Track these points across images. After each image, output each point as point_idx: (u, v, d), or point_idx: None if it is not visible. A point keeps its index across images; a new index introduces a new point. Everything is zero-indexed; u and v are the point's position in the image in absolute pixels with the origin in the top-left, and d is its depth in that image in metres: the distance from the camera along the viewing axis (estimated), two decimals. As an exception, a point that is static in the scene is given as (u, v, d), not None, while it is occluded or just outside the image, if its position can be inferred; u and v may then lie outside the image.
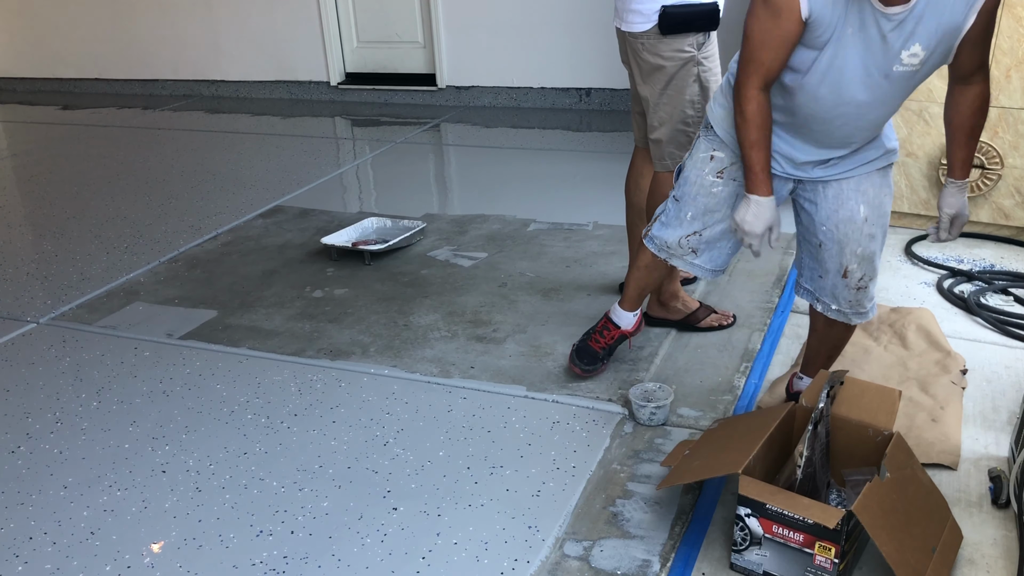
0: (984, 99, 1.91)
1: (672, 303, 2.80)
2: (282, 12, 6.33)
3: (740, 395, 2.47)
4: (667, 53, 2.48)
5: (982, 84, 1.89)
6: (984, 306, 2.86)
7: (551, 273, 3.31)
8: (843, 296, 2.14)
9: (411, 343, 2.83)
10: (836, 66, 1.81)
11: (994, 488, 2.00)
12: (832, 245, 2.09)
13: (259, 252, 3.67)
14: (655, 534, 1.94)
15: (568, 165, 4.70)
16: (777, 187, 2.07)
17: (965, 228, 3.42)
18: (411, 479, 2.16)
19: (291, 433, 2.38)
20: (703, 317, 2.80)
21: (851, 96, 1.85)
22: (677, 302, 2.80)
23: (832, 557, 1.68)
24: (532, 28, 5.72)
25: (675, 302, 2.80)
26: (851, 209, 2.04)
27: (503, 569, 1.86)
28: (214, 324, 3.03)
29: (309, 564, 1.90)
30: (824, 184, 2.07)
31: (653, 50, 2.49)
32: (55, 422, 2.48)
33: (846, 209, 2.04)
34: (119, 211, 4.28)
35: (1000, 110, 3.27)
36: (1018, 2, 3.14)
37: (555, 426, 2.35)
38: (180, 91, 6.98)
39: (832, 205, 2.06)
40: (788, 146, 2.04)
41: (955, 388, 2.40)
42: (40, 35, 7.23)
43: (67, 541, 2.00)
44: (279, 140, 5.52)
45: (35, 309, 3.22)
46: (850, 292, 2.12)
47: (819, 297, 2.20)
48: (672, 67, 2.50)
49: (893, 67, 1.80)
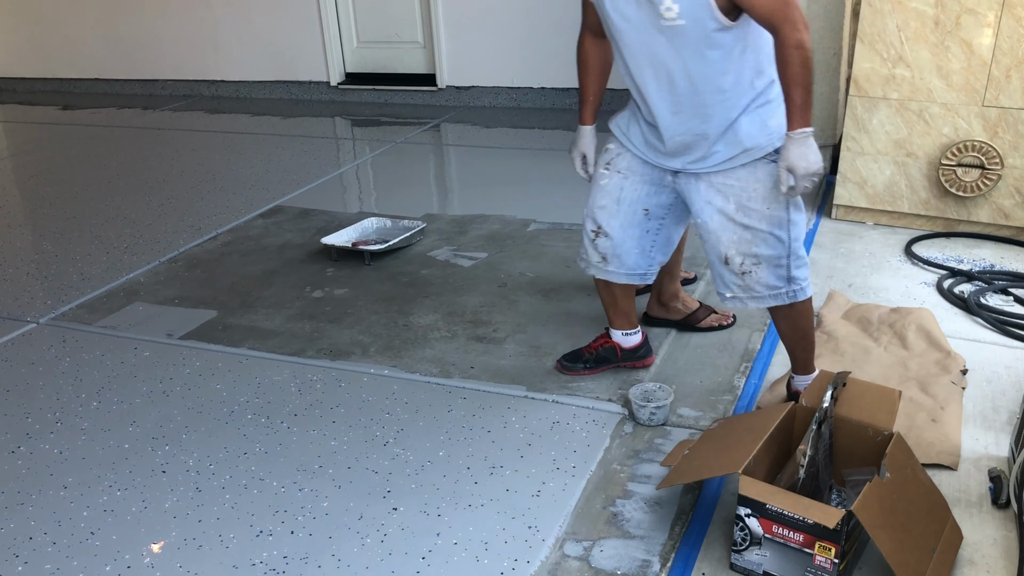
0: (781, 49, 1.93)
1: (672, 303, 2.80)
2: (282, 12, 6.33)
3: (740, 395, 2.47)
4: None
5: (778, 35, 1.93)
6: (984, 306, 2.86)
7: (551, 273, 3.31)
8: (731, 282, 2.23)
9: (411, 343, 2.83)
10: (615, 20, 2.03)
11: (994, 488, 2.00)
12: (708, 235, 2.21)
13: (259, 252, 3.67)
14: (655, 534, 1.94)
15: (568, 165, 4.68)
16: (655, 175, 2.26)
17: (965, 228, 3.45)
18: (411, 479, 2.16)
19: (291, 433, 2.38)
20: (703, 317, 2.80)
21: (639, 52, 2.04)
22: (677, 302, 2.80)
23: (832, 557, 1.68)
24: (532, 28, 5.72)
25: (675, 302, 2.80)
26: (719, 202, 2.15)
27: (503, 569, 1.86)
28: (214, 324, 3.03)
29: (309, 564, 1.90)
30: (696, 177, 2.18)
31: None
32: (55, 422, 2.48)
33: (715, 202, 2.16)
34: (119, 211, 4.28)
35: (1000, 110, 3.27)
36: (1018, 2, 3.14)
37: (555, 426, 2.35)
38: (180, 91, 6.98)
39: (703, 197, 2.18)
40: (651, 135, 2.20)
41: (955, 388, 2.40)
42: (40, 35, 7.22)
43: (67, 541, 2.00)
44: (279, 140, 5.52)
45: (35, 309, 3.22)
46: (736, 278, 2.20)
47: (716, 284, 2.29)
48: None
49: (660, 21, 1.96)
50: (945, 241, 3.44)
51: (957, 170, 3.36)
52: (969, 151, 3.32)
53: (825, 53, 4.00)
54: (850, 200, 3.61)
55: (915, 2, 3.29)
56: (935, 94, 3.35)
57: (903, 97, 3.40)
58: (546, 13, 5.64)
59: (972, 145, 3.31)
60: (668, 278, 2.74)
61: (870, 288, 3.07)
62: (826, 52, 4.00)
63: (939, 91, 3.34)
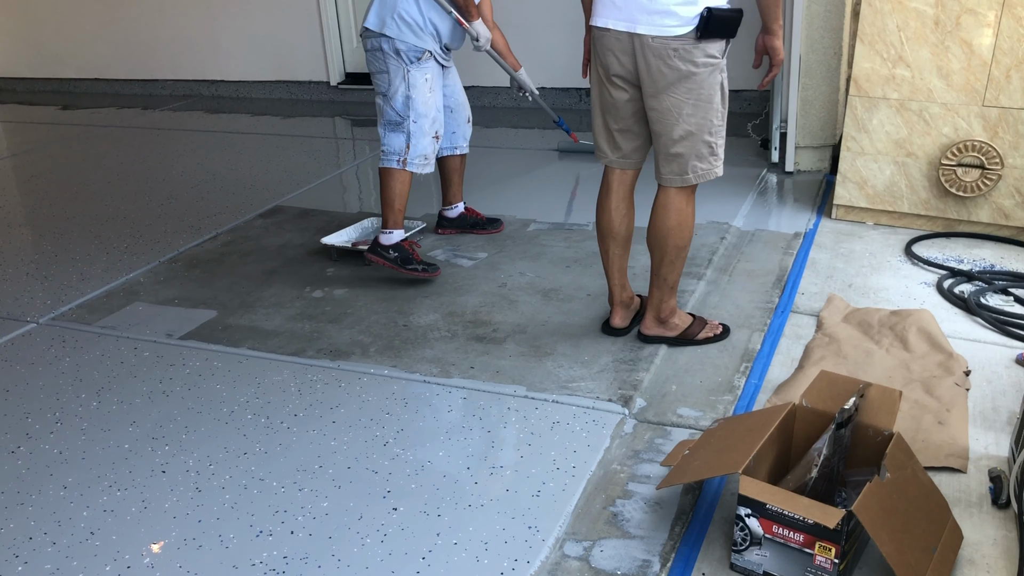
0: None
1: (671, 319, 2.72)
2: (282, 12, 6.33)
3: (740, 395, 2.47)
4: (700, 59, 2.39)
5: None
6: (984, 306, 2.86)
7: (551, 273, 3.31)
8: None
9: (411, 343, 2.83)
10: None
11: (994, 488, 2.00)
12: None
13: (259, 252, 3.67)
14: (655, 534, 1.94)
15: (568, 165, 4.70)
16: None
17: (965, 228, 3.46)
18: (411, 479, 2.16)
19: (291, 433, 2.38)
20: (698, 331, 2.74)
21: None
22: (675, 318, 2.72)
23: (832, 557, 1.68)
24: (532, 28, 5.72)
25: (674, 318, 2.72)
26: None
27: (503, 569, 1.86)
28: (214, 324, 3.03)
29: (309, 564, 1.90)
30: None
31: (686, 56, 2.39)
32: (55, 422, 2.48)
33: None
34: (119, 211, 4.28)
35: (1000, 110, 3.27)
36: (1018, 2, 3.14)
37: (555, 426, 2.35)
38: (180, 91, 6.98)
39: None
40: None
41: (959, 390, 2.40)
42: (40, 35, 7.23)
43: (67, 541, 2.00)
44: (279, 140, 5.52)
45: (35, 309, 3.22)
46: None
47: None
48: (702, 74, 2.41)
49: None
50: (945, 241, 3.44)
51: (957, 170, 3.37)
52: (969, 151, 3.32)
53: (825, 53, 4.00)
54: (850, 200, 3.61)
55: (915, 2, 3.29)
56: (935, 94, 3.35)
57: (903, 97, 3.40)
58: (546, 13, 5.64)
59: (972, 145, 3.31)
60: (668, 294, 2.67)
61: (870, 288, 3.07)
62: (826, 52, 4.00)
63: (939, 91, 3.34)
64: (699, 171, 2.54)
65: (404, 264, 3.25)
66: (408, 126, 3.21)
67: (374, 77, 3.29)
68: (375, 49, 3.20)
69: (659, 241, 2.61)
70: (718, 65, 2.44)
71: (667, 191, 2.59)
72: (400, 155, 3.23)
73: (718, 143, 2.54)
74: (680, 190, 2.57)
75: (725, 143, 2.58)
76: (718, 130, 2.52)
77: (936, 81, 3.33)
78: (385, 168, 3.26)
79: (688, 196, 2.59)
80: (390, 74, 3.19)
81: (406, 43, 3.14)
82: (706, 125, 2.49)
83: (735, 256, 3.38)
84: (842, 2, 3.90)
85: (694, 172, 2.54)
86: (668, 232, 2.59)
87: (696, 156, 2.52)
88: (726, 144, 2.59)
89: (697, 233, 3.56)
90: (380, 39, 3.15)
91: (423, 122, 3.22)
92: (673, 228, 2.59)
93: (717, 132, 2.52)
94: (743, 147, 4.69)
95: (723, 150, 2.58)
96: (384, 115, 3.26)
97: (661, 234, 2.60)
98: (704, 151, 2.52)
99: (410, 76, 3.17)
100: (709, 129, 2.50)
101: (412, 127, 3.21)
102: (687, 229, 2.61)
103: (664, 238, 2.60)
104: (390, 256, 3.25)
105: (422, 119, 3.22)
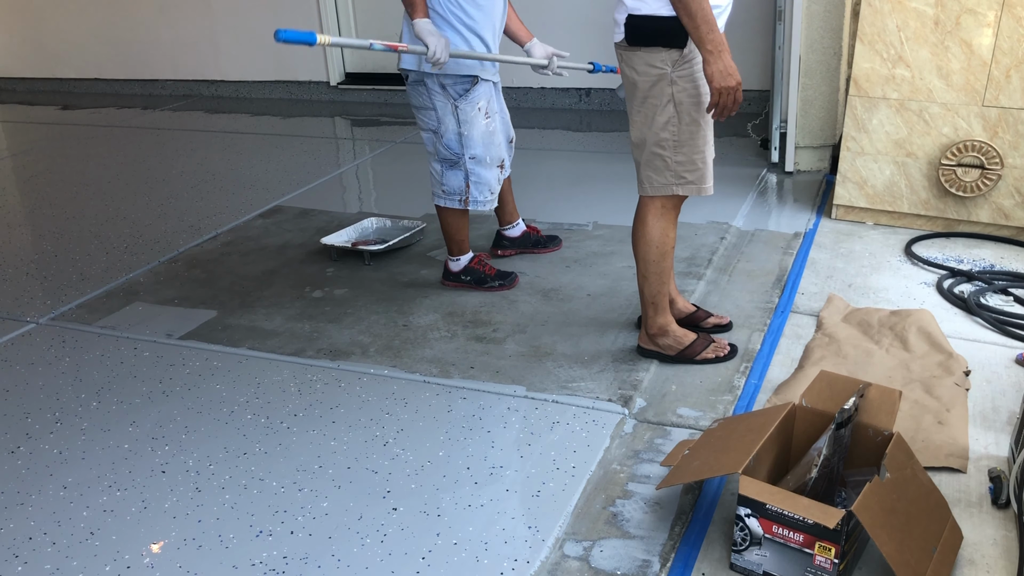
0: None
1: (660, 339, 2.62)
2: (282, 12, 6.33)
3: (740, 395, 2.47)
4: (640, 67, 2.33)
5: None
6: (984, 306, 2.86)
7: (551, 273, 3.31)
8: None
9: (411, 343, 2.83)
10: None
11: (994, 488, 2.00)
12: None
13: (259, 252, 3.67)
14: (655, 534, 1.94)
15: (568, 165, 4.70)
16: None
17: (965, 228, 3.45)
18: (411, 479, 2.16)
19: (291, 433, 2.38)
20: (700, 350, 2.63)
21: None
22: (666, 338, 2.62)
23: (832, 557, 1.68)
24: (532, 28, 5.70)
25: (664, 338, 2.62)
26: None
27: (503, 569, 1.86)
28: (214, 324, 3.03)
29: (309, 564, 1.90)
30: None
31: (628, 62, 2.36)
32: (55, 422, 2.48)
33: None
34: (119, 211, 4.28)
35: (1000, 110, 3.27)
36: (1018, 2, 3.14)
37: (555, 426, 2.35)
38: (180, 91, 6.98)
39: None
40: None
41: (959, 390, 2.40)
42: (40, 35, 7.23)
43: (67, 541, 2.00)
44: (279, 140, 5.52)
45: (35, 309, 3.22)
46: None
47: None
48: (644, 83, 2.34)
49: None
50: (945, 241, 3.44)
51: (957, 170, 3.37)
52: (969, 151, 3.32)
53: (825, 53, 4.00)
54: (850, 200, 3.61)
55: (915, 2, 3.29)
56: (935, 94, 3.35)
57: (903, 97, 3.40)
58: (545, 13, 5.64)
59: (972, 145, 3.31)
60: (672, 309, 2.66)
61: (870, 288, 3.07)
62: (826, 52, 4.00)
63: (939, 91, 3.34)
64: (655, 183, 2.42)
65: (480, 284, 3.16)
66: (465, 164, 2.97)
67: (417, 113, 3.02)
68: (416, 83, 2.94)
69: (633, 250, 2.57)
70: (664, 76, 2.30)
71: (640, 200, 2.52)
72: (461, 195, 3.01)
73: (676, 160, 2.38)
74: (648, 202, 2.48)
75: (715, 150, 2.47)
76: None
77: (936, 81, 3.33)
78: (444, 208, 3.07)
79: (656, 210, 2.47)
80: (437, 112, 2.93)
81: (451, 75, 2.87)
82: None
83: (735, 256, 3.38)
84: (842, 2, 3.90)
85: (649, 183, 2.44)
86: (635, 242, 2.54)
87: (649, 167, 2.42)
88: (725, 144, 2.55)
89: (697, 233, 3.56)
90: (421, 73, 2.90)
91: (482, 156, 2.98)
92: (638, 239, 2.52)
93: (670, 147, 2.37)
94: (743, 147, 4.69)
95: (693, 170, 2.40)
96: (437, 152, 3.01)
97: (632, 243, 2.57)
98: (657, 163, 2.40)
99: (460, 111, 2.90)
100: (658, 142, 2.37)
101: (471, 164, 2.97)
102: (653, 245, 2.48)
103: (634, 247, 2.56)
104: (465, 280, 3.18)
105: (481, 153, 2.97)
